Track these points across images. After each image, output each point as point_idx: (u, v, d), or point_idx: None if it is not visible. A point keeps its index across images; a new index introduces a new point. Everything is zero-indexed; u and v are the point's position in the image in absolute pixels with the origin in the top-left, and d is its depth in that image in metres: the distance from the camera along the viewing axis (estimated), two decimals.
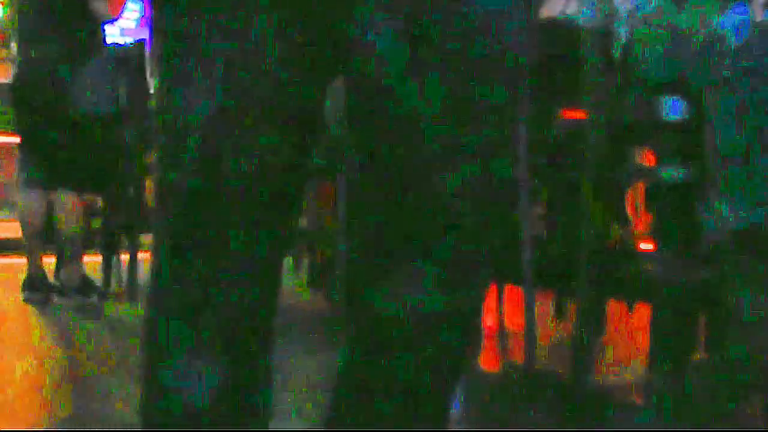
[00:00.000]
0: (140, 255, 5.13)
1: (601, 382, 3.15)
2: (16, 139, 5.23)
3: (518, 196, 3.19)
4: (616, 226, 4.29)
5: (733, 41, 2.62)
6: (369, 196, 1.25)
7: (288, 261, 5.18)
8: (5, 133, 6.67)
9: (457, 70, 1.21)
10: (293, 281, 5.19)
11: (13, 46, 5.27)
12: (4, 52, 6.33)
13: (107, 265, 5.45)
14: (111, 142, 5.09)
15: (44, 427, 2.74)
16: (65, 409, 2.95)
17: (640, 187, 4.64)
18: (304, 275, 5.32)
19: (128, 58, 5.16)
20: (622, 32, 2.96)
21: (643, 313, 3.86)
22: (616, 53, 3.01)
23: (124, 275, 5.27)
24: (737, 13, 2.67)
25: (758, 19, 2.61)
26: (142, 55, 5.13)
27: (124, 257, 5.31)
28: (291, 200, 1.25)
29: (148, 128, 5.00)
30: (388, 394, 1.26)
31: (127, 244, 5.32)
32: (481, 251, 1.25)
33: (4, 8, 5.08)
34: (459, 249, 1.23)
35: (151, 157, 5.01)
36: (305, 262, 5.38)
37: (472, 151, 1.23)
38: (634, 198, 4.83)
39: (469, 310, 1.27)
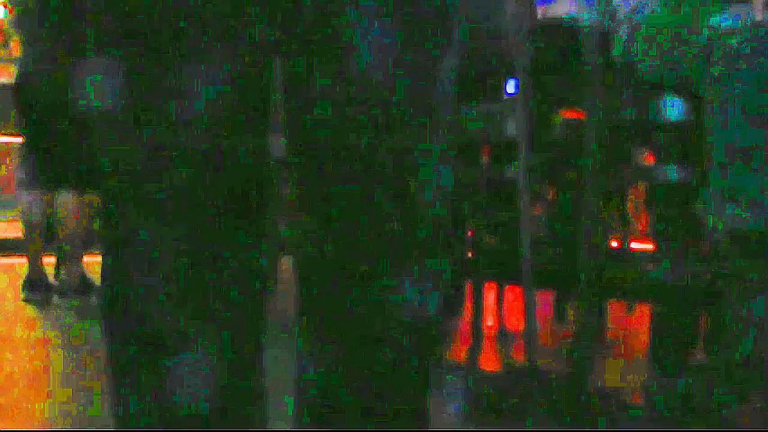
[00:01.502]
0: None
1: (601, 382, 3.15)
2: (16, 139, 5.24)
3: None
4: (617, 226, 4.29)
5: (732, 41, 2.62)
6: (331, 199, 1.23)
7: (288, 261, 5.18)
8: (5, 133, 6.66)
9: (446, 70, 1.22)
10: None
11: (13, 46, 5.28)
12: (3, 53, 6.33)
13: None
14: None
15: (44, 427, 2.74)
16: (65, 409, 2.95)
17: (640, 187, 4.65)
18: None
19: None
20: (622, 32, 2.96)
21: (643, 313, 3.87)
22: (616, 53, 3.01)
23: None
24: (737, 13, 2.67)
25: (758, 18, 2.61)
26: None
27: None
28: (258, 200, 1.24)
29: None
30: (361, 395, 1.26)
31: None
32: (446, 249, 1.26)
33: (5, 10, 5.09)
34: (432, 248, 1.24)
35: None
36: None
37: (444, 151, 1.24)
38: (634, 198, 4.83)
39: (436, 309, 1.28)
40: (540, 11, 3.38)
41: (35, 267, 5.08)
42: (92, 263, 5.41)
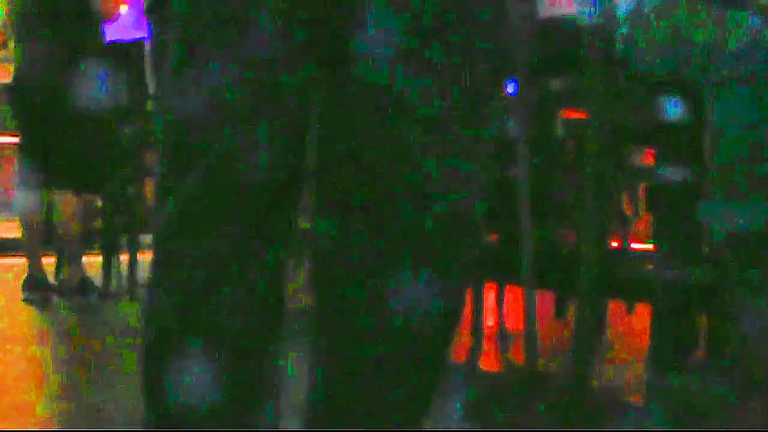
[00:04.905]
0: (140, 255, 5.13)
1: (601, 382, 3.15)
2: (16, 139, 5.24)
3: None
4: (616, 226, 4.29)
5: (732, 42, 2.62)
6: (344, 199, 1.23)
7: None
8: (5, 133, 6.66)
9: (459, 70, 1.22)
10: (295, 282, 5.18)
11: (12, 46, 5.28)
12: (3, 53, 6.33)
13: (107, 265, 5.45)
14: (110, 142, 5.09)
15: (44, 427, 2.74)
16: (65, 409, 2.95)
17: (640, 187, 4.64)
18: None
19: (127, 57, 5.16)
20: (622, 32, 2.96)
21: (643, 313, 3.86)
22: (616, 53, 3.00)
23: (124, 275, 5.27)
24: (737, 14, 2.67)
25: (758, 20, 2.61)
26: (140, 55, 5.13)
27: (124, 257, 5.31)
28: (289, 198, 1.24)
29: (148, 128, 5.00)
30: (374, 393, 1.26)
31: (127, 244, 5.32)
32: (466, 250, 1.26)
33: (1, 9, 5.09)
34: (448, 249, 1.24)
35: (151, 158, 5.02)
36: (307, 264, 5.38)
37: (466, 150, 1.24)
38: (634, 198, 4.83)
39: (452, 311, 1.27)
40: (540, 11, 3.38)
41: (35, 267, 5.08)
42: (92, 263, 5.41)
